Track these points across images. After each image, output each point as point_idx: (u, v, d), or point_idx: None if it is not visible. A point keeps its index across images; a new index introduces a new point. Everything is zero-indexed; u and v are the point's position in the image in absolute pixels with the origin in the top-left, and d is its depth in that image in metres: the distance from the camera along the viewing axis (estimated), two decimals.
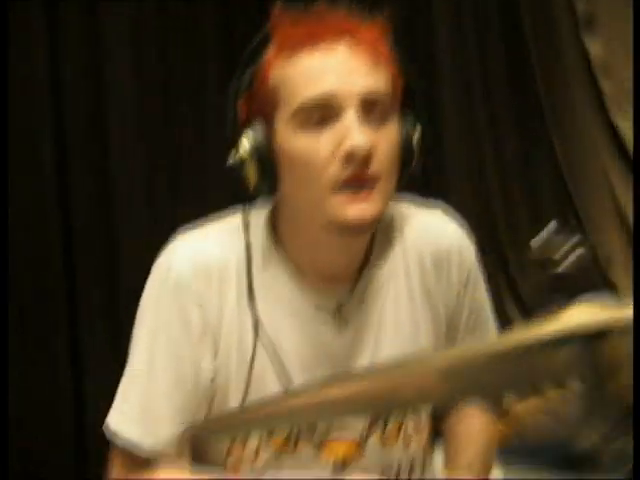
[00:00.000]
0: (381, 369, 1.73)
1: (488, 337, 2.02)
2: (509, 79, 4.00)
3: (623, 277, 3.99)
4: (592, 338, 1.25)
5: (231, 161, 1.77)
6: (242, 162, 1.76)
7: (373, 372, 1.74)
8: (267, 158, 1.74)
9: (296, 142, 1.72)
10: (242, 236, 1.84)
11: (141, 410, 1.79)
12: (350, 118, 1.68)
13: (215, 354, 1.80)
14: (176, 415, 1.79)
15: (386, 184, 1.73)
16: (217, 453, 1.85)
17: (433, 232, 1.92)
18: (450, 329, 1.94)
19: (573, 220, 4.05)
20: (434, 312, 1.91)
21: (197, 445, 1.86)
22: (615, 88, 3.94)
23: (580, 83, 3.99)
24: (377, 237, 1.88)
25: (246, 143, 1.75)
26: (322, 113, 1.70)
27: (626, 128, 3.93)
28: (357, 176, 1.69)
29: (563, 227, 1.44)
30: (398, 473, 1.90)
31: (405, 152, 1.77)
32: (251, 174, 1.76)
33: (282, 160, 1.74)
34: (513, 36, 4.05)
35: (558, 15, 3.99)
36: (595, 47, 3.93)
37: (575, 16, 3.95)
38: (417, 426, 1.93)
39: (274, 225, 1.85)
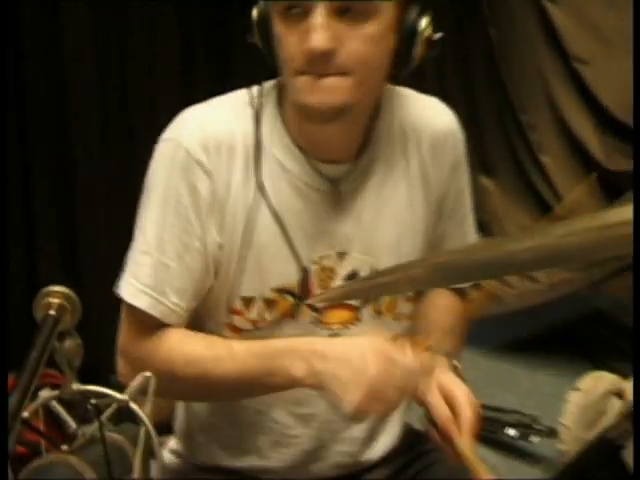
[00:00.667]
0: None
1: (465, 221, 2.08)
2: None
3: (552, 159, 4.03)
4: None
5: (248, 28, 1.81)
6: (250, 27, 1.80)
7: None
8: (268, 30, 1.77)
9: (278, 29, 1.74)
10: (250, 111, 1.86)
11: (149, 280, 1.82)
12: (317, 16, 1.67)
13: (222, 226, 1.83)
14: (184, 286, 1.83)
15: (361, 76, 1.73)
16: (218, 317, 1.90)
17: (431, 116, 1.97)
18: (436, 211, 1.99)
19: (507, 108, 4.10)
20: (428, 194, 1.96)
21: (198, 309, 1.90)
22: None
23: None
24: (378, 120, 1.91)
25: (255, 14, 1.79)
26: (294, 5, 1.70)
27: (559, 18, 3.91)
28: (318, 70, 1.70)
29: None
30: None
31: (403, 45, 1.76)
32: (256, 40, 1.80)
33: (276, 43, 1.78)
34: None
35: None
36: None
37: None
38: (407, 304, 2.00)
39: (280, 104, 1.88)
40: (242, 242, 1.85)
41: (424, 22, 1.77)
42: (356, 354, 1.73)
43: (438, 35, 1.80)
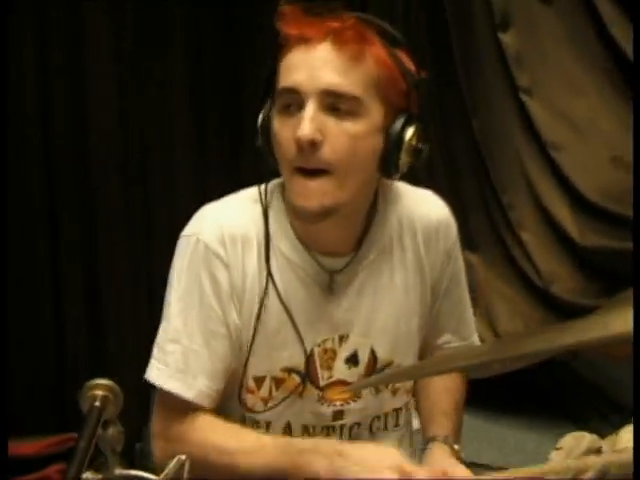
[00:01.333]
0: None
1: (461, 300, 2.09)
2: (434, 71, 3.83)
3: (531, 236, 4.01)
4: None
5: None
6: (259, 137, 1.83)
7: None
8: (267, 134, 1.81)
9: (276, 124, 1.78)
10: (259, 208, 1.88)
11: (180, 365, 1.83)
12: (307, 109, 1.71)
13: (240, 312, 1.85)
14: (211, 368, 1.84)
15: (344, 174, 1.75)
16: (233, 396, 1.90)
17: (425, 208, 1.98)
18: (432, 294, 2.01)
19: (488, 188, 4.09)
20: (423, 279, 1.97)
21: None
22: (527, 77, 3.94)
23: (495, 72, 3.97)
24: (376, 214, 1.93)
25: (260, 117, 1.82)
26: (290, 101, 1.74)
27: (535, 110, 3.92)
28: (305, 162, 1.73)
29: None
30: (386, 418, 1.99)
31: (390, 149, 1.77)
32: (262, 146, 1.83)
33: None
34: (437, 30, 4.01)
35: (476, 12, 3.94)
36: (509, 40, 3.91)
37: (491, 13, 3.91)
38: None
39: (284, 200, 1.89)
40: (255, 326, 1.87)
41: (410, 131, 1.79)
42: (374, 461, 1.73)
43: (425, 145, 1.82)
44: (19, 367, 3.50)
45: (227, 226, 1.85)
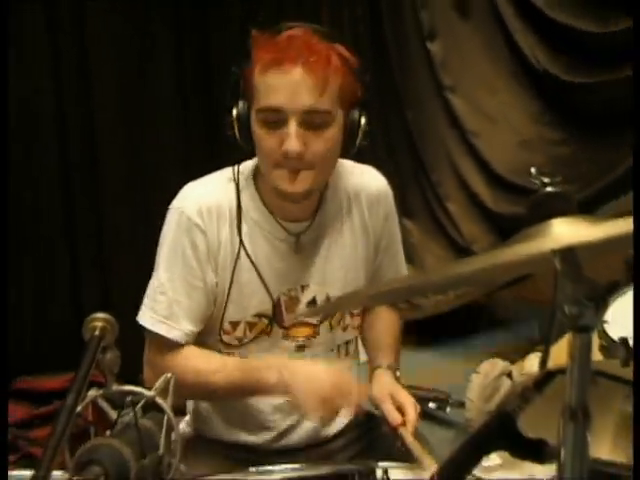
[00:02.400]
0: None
1: (397, 255, 2.08)
2: (376, 73, 3.92)
3: (455, 206, 4.03)
4: None
5: (228, 123, 1.80)
6: (230, 123, 1.80)
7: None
8: (247, 129, 1.78)
9: (257, 130, 1.76)
10: (232, 185, 1.87)
11: (165, 313, 1.83)
12: (291, 127, 1.71)
13: (215, 270, 1.84)
14: (191, 314, 1.84)
15: (322, 168, 1.79)
16: (213, 335, 1.90)
17: (367, 181, 1.97)
18: (374, 250, 2.00)
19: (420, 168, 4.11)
20: (367, 238, 1.97)
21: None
22: (450, 78, 3.94)
23: (425, 74, 3.97)
24: (329, 186, 1.93)
25: (234, 112, 1.79)
26: (273, 118, 1.73)
27: (457, 104, 3.93)
28: (291, 166, 1.74)
29: None
30: (339, 349, 1.99)
31: (349, 137, 1.79)
32: (236, 133, 1.80)
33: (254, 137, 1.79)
34: (379, 41, 4.01)
35: (409, 26, 3.95)
36: (435, 49, 3.92)
37: (421, 27, 3.92)
38: (352, 319, 2.01)
39: (255, 178, 1.89)
40: (230, 281, 1.86)
41: (363, 120, 1.80)
42: (316, 374, 1.79)
43: (368, 127, 1.83)
44: (46, 316, 3.52)
45: (205, 201, 1.85)
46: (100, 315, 1.28)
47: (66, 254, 3.55)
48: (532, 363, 3.08)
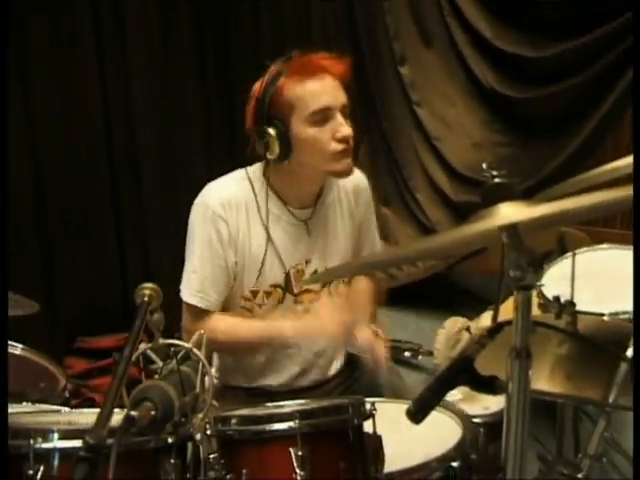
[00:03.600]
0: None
1: (374, 236, 2.09)
2: (358, 91, 3.83)
3: (422, 196, 3.97)
4: None
5: (258, 143, 1.78)
6: (267, 142, 1.77)
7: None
8: (287, 140, 1.76)
9: (308, 132, 1.75)
10: (247, 182, 1.88)
11: (198, 287, 1.86)
12: (339, 119, 1.74)
13: (236, 252, 1.85)
14: (217, 288, 1.86)
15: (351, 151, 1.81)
16: (236, 303, 1.91)
17: (352, 176, 1.94)
18: (358, 231, 2.03)
19: (394, 165, 4.06)
20: (353, 221, 2.00)
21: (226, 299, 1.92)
22: (418, 95, 3.90)
23: (397, 92, 3.94)
24: (326, 181, 1.95)
25: (272, 131, 1.76)
26: (323, 116, 1.74)
27: (423, 115, 3.88)
28: (346, 148, 1.77)
29: None
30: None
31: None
32: (275, 149, 1.77)
33: (295, 143, 1.77)
34: (359, 65, 3.87)
35: (384, 53, 3.92)
36: (405, 72, 3.90)
37: (394, 54, 3.89)
38: (344, 285, 2.03)
39: (265, 176, 1.89)
40: (249, 259, 1.87)
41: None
42: (321, 317, 1.85)
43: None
44: (99, 288, 3.50)
45: (225, 195, 1.85)
46: (148, 285, 1.29)
47: (114, 239, 3.53)
48: (486, 319, 3.08)
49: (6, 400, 1.20)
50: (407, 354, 3.43)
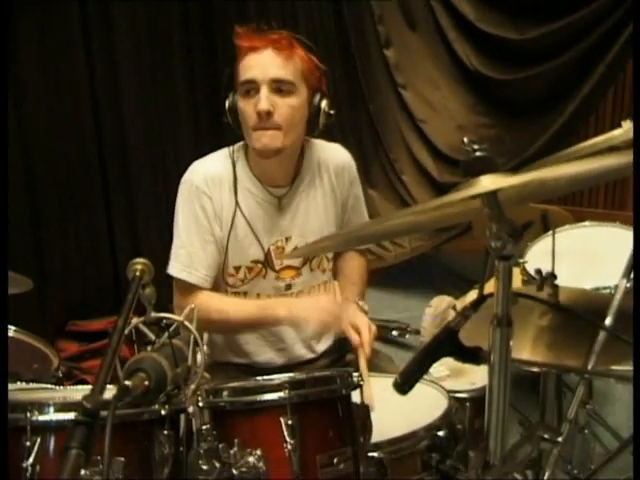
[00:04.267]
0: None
1: (362, 212, 2.08)
2: (344, 74, 3.90)
3: (408, 177, 4.00)
4: None
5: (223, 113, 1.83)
6: (225, 115, 1.83)
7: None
8: (234, 112, 1.82)
9: (240, 104, 1.79)
10: (229, 160, 1.90)
11: (186, 262, 1.86)
12: (262, 92, 1.74)
13: (220, 226, 1.86)
14: (206, 262, 1.87)
15: (289, 130, 1.79)
16: (219, 279, 1.93)
17: (334, 154, 1.99)
18: (342, 209, 2.02)
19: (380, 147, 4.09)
20: (335, 199, 1.99)
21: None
22: (403, 77, 3.91)
23: (382, 75, 3.95)
24: (304, 159, 1.95)
25: (226, 102, 1.83)
26: (249, 88, 1.76)
27: (408, 98, 3.90)
28: (263, 125, 1.76)
29: None
30: (319, 287, 2.01)
31: (312, 115, 1.83)
32: (230, 121, 1.83)
33: (238, 115, 1.81)
34: (346, 49, 3.96)
35: (369, 37, 3.92)
36: (390, 55, 3.91)
37: (379, 37, 3.90)
38: (328, 263, 2.03)
39: (246, 153, 1.91)
40: (231, 236, 1.88)
41: (324, 103, 1.83)
42: (315, 303, 1.86)
43: (333, 111, 1.86)
44: (89, 274, 3.50)
45: (209, 172, 1.87)
46: (140, 260, 1.31)
47: (105, 223, 3.53)
48: (471, 297, 3.10)
49: (6, 377, 1.21)
50: (395, 333, 3.46)
